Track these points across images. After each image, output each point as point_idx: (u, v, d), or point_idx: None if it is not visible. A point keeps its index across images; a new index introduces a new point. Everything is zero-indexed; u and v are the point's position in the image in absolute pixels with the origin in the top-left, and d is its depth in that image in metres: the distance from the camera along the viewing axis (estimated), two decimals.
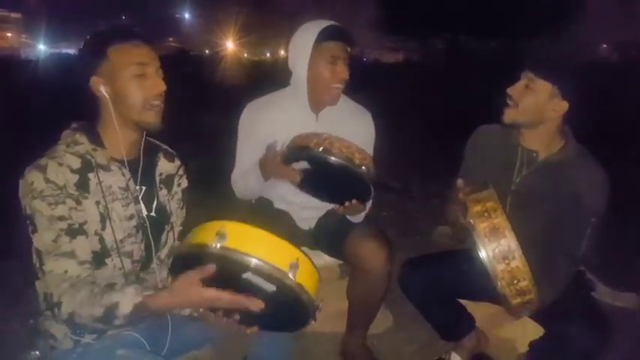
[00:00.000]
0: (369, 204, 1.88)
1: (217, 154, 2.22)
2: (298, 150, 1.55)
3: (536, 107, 1.63)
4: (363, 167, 1.50)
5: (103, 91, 1.27)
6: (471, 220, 1.35)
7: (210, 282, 1.10)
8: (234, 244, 1.05)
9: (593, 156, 1.70)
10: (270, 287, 1.10)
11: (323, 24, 1.82)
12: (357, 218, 1.91)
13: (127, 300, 1.13)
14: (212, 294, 1.10)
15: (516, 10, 17.25)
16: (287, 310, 1.17)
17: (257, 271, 1.06)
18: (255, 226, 1.11)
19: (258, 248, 1.06)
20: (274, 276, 1.06)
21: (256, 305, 1.10)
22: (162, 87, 1.30)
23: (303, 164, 1.59)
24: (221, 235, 1.05)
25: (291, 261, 1.08)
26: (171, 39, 35.13)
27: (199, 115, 6.97)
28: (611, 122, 5.77)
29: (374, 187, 1.58)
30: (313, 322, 1.18)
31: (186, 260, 1.12)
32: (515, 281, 1.33)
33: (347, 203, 1.68)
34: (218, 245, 1.04)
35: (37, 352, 1.34)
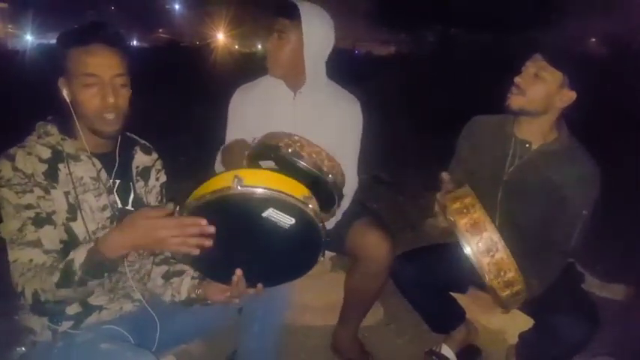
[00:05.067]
0: (339, 213, 1.85)
1: (208, 146, 2.19)
2: (267, 149, 1.50)
3: (546, 96, 1.62)
4: (330, 176, 1.47)
5: (64, 94, 1.26)
6: (451, 217, 1.36)
7: (227, 230, 1.10)
8: (253, 183, 1.09)
9: (585, 148, 1.69)
10: (289, 221, 1.14)
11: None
12: None
13: (79, 251, 1.13)
14: (162, 220, 1.08)
15: (508, 3, 17.24)
16: (298, 249, 1.22)
17: (279, 203, 1.11)
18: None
19: (275, 184, 1.11)
20: (295, 206, 1.12)
21: (207, 228, 1.08)
22: (108, 101, 1.24)
23: (270, 164, 1.54)
24: (239, 179, 1.08)
25: (304, 194, 1.16)
26: (161, 30, 34.74)
27: (190, 107, 6.90)
28: (604, 115, 5.80)
29: (339, 196, 1.54)
30: (322, 258, 1.24)
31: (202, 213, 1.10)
32: (502, 273, 1.34)
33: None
34: (239, 187, 1.07)
35: (23, 348, 1.32)
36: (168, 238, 1.08)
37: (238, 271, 1.23)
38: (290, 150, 1.44)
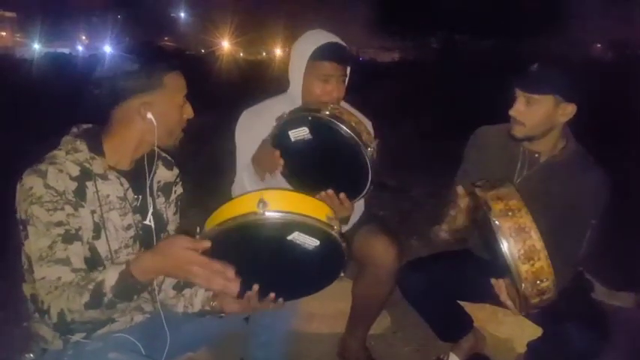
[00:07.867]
0: (357, 210, 1.82)
1: (213, 154, 2.19)
2: (306, 112, 1.43)
3: (546, 118, 1.61)
4: (370, 149, 1.39)
5: (150, 116, 1.27)
6: (496, 220, 1.30)
7: (248, 250, 1.10)
8: (279, 207, 1.08)
9: (593, 157, 1.68)
10: (314, 243, 1.13)
11: (320, 40, 1.72)
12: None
13: (110, 273, 1.12)
14: (196, 256, 1.08)
15: (511, 9, 17.28)
16: (320, 267, 1.22)
17: (305, 227, 1.10)
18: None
19: (300, 207, 1.11)
20: (320, 229, 1.11)
21: (231, 281, 1.08)
22: (192, 113, 1.38)
23: (303, 131, 1.45)
24: (264, 203, 1.07)
25: (328, 214, 1.15)
26: (166, 38, 35.02)
27: (195, 115, 6.93)
28: (607, 121, 5.76)
29: (372, 178, 1.46)
30: (342, 274, 1.24)
31: (220, 243, 1.10)
32: (538, 282, 1.29)
33: (336, 192, 1.49)
34: (265, 212, 1.06)
35: (32, 355, 1.32)
36: (197, 275, 1.09)
37: (255, 287, 1.24)
38: (329, 114, 1.40)
